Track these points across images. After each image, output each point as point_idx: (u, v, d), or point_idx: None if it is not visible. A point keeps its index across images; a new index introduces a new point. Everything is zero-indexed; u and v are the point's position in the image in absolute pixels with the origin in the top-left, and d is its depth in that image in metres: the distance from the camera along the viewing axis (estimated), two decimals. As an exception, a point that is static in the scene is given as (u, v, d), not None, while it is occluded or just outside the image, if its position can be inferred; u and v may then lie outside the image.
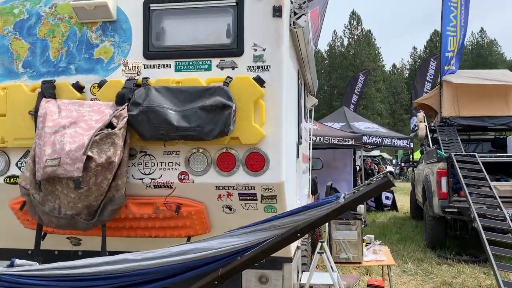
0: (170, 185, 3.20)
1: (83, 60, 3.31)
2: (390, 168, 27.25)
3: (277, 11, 3.12)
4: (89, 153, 2.77)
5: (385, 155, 33.29)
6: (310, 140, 6.60)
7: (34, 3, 3.36)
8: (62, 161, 2.78)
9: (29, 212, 3.04)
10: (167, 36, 3.26)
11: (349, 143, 13.04)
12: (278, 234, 2.52)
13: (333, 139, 12.74)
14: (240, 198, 3.24)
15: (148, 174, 3.21)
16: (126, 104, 3.02)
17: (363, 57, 49.54)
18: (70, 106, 3.04)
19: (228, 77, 3.08)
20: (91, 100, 3.22)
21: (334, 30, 56.15)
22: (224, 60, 3.17)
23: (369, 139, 14.36)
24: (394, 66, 58.08)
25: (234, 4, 3.16)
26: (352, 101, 19.37)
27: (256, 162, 3.11)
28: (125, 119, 2.93)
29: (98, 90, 3.20)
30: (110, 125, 2.90)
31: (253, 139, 3.04)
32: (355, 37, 51.88)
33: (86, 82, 3.26)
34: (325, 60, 54.75)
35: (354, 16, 51.96)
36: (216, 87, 3.01)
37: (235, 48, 3.16)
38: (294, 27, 3.41)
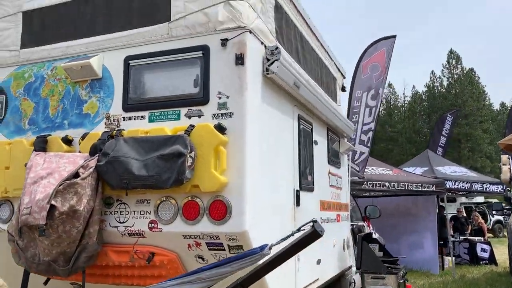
0: (141, 234, 3.25)
1: (74, 115, 3.60)
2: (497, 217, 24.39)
3: (239, 59, 3.13)
4: (53, 202, 2.95)
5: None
6: (348, 187, 6.27)
7: (40, 67, 3.78)
8: (32, 210, 2.99)
9: (14, 258, 3.28)
10: (142, 89, 3.43)
11: (429, 189, 12.15)
12: (206, 286, 2.41)
13: (410, 185, 11.96)
14: (208, 248, 3.16)
15: (123, 222, 3.30)
16: (97, 155, 3.19)
17: (466, 97, 46.39)
18: (52, 158, 3.29)
19: (190, 125, 3.12)
20: (78, 152, 3.47)
21: (432, 71, 53.38)
22: (191, 109, 3.23)
23: (454, 184, 13.18)
24: (502, 104, 53.36)
25: (201, 55, 3.25)
26: (440, 144, 18.05)
27: (219, 210, 3.04)
28: (91, 169, 3.09)
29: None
30: (77, 175, 3.08)
31: (212, 187, 2.99)
32: (455, 76, 49.00)
33: (75, 136, 3.52)
34: (424, 102, 52.27)
35: (452, 55, 49.35)
36: (176, 136, 3.06)
37: (201, 97, 3.21)
38: (267, 73, 3.38)
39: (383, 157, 46.36)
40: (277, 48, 3.39)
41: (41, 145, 3.48)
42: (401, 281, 5.28)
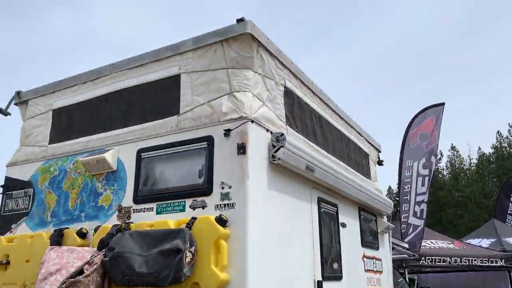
0: (148, 331, 3.12)
1: (90, 208, 3.69)
2: None
3: (241, 149, 3.11)
4: (54, 301, 2.94)
5: None
6: (389, 269, 5.82)
7: (64, 161, 3.98)
8: (36, 307, 3.00)
9: None
10: (151, 181, 3.47)
11: (498, 264, 11.07)
12: None
13: (475, 260, 10.98)
14: None
15: (129, 319, 3.21)
16: (104, 249, 3.20)
17: (539, 155, 43.35)
18: (64, 253, 3.34)
19: (193, 217, 3.07)
20: (91, 245, 3.50)
21: (498, 131, 50.75)
22: (196, 200, 3.20)
23: (527, 257, 11.92)
24: None
25: (206, 145, 3.27)
26: (509, 211, 16.61)
27: (220, 309, 2.88)
28: (96, 266, 3.08)
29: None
30: (81, 272, 3.07)
31: (212, 285, 2.86)
32: (524, 136, 46.28)
33: (90, 228, 3.58)
34: (492, 164, 49.32)
35: (518, 114, 46.97)
36: (177, 230, 3.01)
37: (205, 188, 3.19)
38: (274, 160, 3.32)
39: (452, 224, 43.39)
40: (282, 134, 3.35)
41: (57, 239, 3.56)
42: None
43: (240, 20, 3.36)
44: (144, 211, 3.41)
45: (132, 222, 3.36)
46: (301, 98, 4.11)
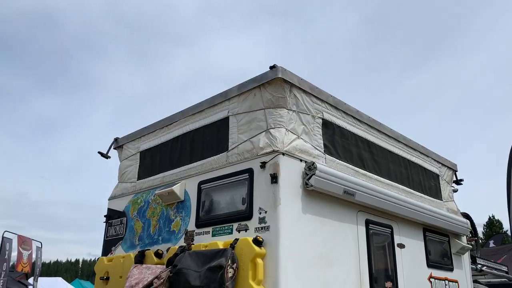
0: (205, 337, 3.70)
1: (165, 232, 4.44)
2: None
3: (273, 178, 3.59)
4: (132, 307, 3.68)
5: None
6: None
7: (147, 194, 4.83)
8: (120, 313, 3.76)
9: None
10: (208, 208, 4.10)
11: None
12: None
13: None
14: None
15: (193, 326, 3.82)
16: (170, 267, 3.88)
17: None
18: (143, 270, 4.10)
19: (235, 239, 3.60)
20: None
21: None
22: (240, 223, 3.75)
23: None
24: None
25: (247, 176, 3.82)
26: None
27: (258, 318, 3.34)
28: (163, 279, 3.77)
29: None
30: (151, 285, 3.78)
31: (249, 297, 3.34)
32: None
33: (164, 249, 4.31)
34: None
35: None
36: (223, 250, 3.57)
37: (247, 213, 3.71)
38: (307, 187, 3.74)
39: None
40: (313, 163, 3.75)
41: (139, 258, 4.36)
42: None
43: (272, 67, 3.89)
44: (203, 234, 4.04)
45: (193, 244, 4.01)
46: (342, 128, 4.45)
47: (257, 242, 3.47)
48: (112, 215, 5.21)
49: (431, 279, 5.04)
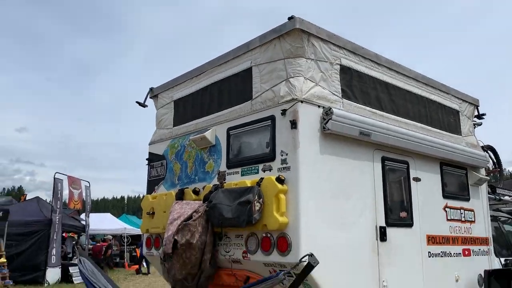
0: (239, 261, 4.32)
1: (200, 173, 4.99)
2: None
3: (293, 124, 3.99)
4: (176, 237, 4.31)
5: None
6: (487, 219, 6.06)
7: (183, 139, 5.34)
8: (166, 242, 4.41)
9: (164, 276, 4.76)
10: (237, 151, 4.57)
11: None
12: None
13: None
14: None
15: (228, 252, 4.45)
16: (206, 202, 4.45)
17: None
18: (183, 205, 4.70)
19: (261, 178, 4.08)
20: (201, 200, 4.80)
21: None
22: (265, 164, 4.21)
23: None
24: None
25: (270, 123, 4.22)
26: None
27: (283, 244, 3.89)
28: (200, 213, 4.35)
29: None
30: (191, 218, 4.38)
31: (274, 225, 3.87)
32: None
33: (201, 188, 4.88)
34: None
35: None
36: (251, 187, 4.07)
37: (271, 155, 4.16)
38: (325, 130, 4.12)
39: None
40: (330, 109, 4.10)
41: (180, 195, 4.96)
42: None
43: (290, 18, 4.15)
44: (233, 174, 4.55)
45: (225, 182, 4.54)
46: (360, 72, 4.71)
47: (280, 180, 3.94)
48: (153, 158, 5.79)
49: (446, 209, 5.44)
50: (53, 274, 19.43)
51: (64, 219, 21.17)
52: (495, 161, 7.86)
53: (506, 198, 7.27)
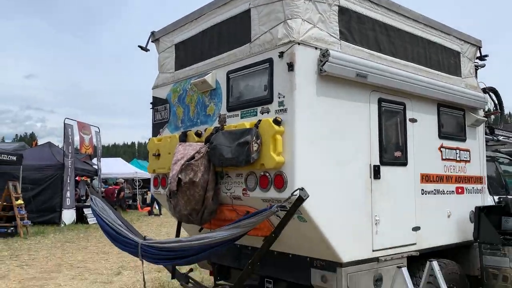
0: (239, 197, 4.59)
1: (202, 116, 5.15)
2: None
3: (290, 66, 4.08)
4: (179, 176, 4.55)
5: None
6: (482, 159, 6.24)
7: (185, 83, 5.46)
8: (171, 181, 4.67)
9: (170, 211, 5.07)
10: (236, 94, 4.70)
11: None
12: (243, 230, 3.63)
13: None
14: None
15: (229, 189, 4.70)
16: (208, 143, 4.65)
17: None
18: (186, 146, 4.91)
19: (259, 120, 4.24)
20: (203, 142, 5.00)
21: None
22: (263, 107, 4.35)
23: None
24: None
25: (268, 66, 4.31)
26: None
27: (279, 182, 4.12)
28: (202, 154, 4.57)
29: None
30: (193, 158, 4.60)
31: (271, 164, 4.07)
32: None
33: (202, 130, 5.06)
34: None
35: None
36: (249, 129, 4.24)
37: (268, 98, 4.29)
38: (321, 72, 4.22)
39: None
40: (327, 51, 4.17)
41: (183, 138, 5.16)
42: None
43: None
44: (233, 117, 4.71)
45: (225, 125, 4.71)
46: (359, 13, 4.71)
47: (277, 122, 4.10)
48: (156, 102, 5.95)
49: (442, 149, 5.60)
50: (68, 216, 20.34)
51: (76, 163, 21.81)
52: (496, 103, 7.92)
53: (502, 138, 7.39)
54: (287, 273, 4.77)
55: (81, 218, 20.81)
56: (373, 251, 4.60)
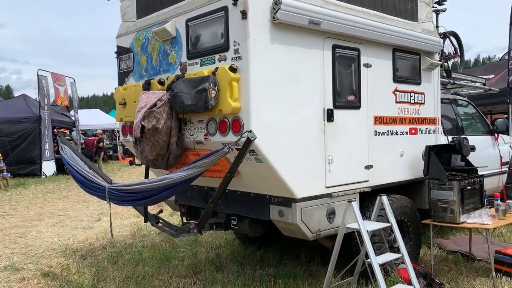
0: (202, 142, 4.86)
1: (165, 64, 5.30)
2: None
3: (243, 14, 4.22)
4: (143, 123, 4.78)
5: None
6: (437, 101, 6.58)
7: (146, 32, 5.55)
8: (135, 127, 4.90)
9: (137, 157, 5.33)
10: (195, 42, 4.85)
11: None
12: (199, 170, 3.92)
13: None
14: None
15: (192, 135, 4.96)
16: (169, 91, 4.84)
17: None
18: (149, 95, 5.09)
19: (216, 68, 4.44)
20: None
21: None
22: (220, 55, 4.53)
23: None
24: None
25: (223, 14, 4.45)
26: None
27: (236, 126, 4.38)
28: (164, 101, 4.77)
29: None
30: (155, 105, 4.80)
31: (228, 110, 4.32)
32: None
33: (165, 78, 5.22)
34: None
35: None
36: (207, 76, 4.44)
37: (225, 46, 4.46)
38: (274, 20, 4.38)
39: None
40: (279, -1, 4.31)
41: (146, 86, 5.33)
42: (470, 187, 5.64)
43: None
44: (193, 65, 4.88)
45: (186, 73, 4.89)
46: (313, -40, 4.80)
47: (232, 69, 4.30)
48: (121, 52, 6.04)
49: (396, 92, 5.90)
50: (48, 167, 20.48)
51: (53, 115, 21.69)
52: (456, 47, 8.19)
53: (457, 81, 7.72)
54: (249, 210, 5.16)
55: (62, 170, 21.03)
56: (326, 187, 4.98)
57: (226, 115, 4.47)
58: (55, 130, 24.03)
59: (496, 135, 8.18)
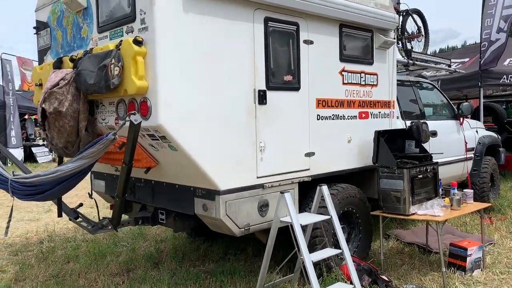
0: (113, 128, 4.28)
1: (78, 39, 4.68)
2: None
3: None
4: (43, 106, 4.18)
5: None
6: (391, 83, 6.05)
7: (60, 4, 4.91)
8: (37, 111, 4.30)
9: (49, 145, 4.73)
10: (105, 12, 4.23)
11: None
12: (89, 161, 3.35)
13: None
14: (150, 138, 4.01)
15: (104, 120, 4.38)
16: (75, 69, 4.24)
17: None
18: (58, 74, 4.47)
19: (120, 41, 3.84)
20: (80, 67, 4.57)
21: None
22: (128, 26, 3.93)
23: None
24: None
25: (129, -22, 3.84)
26: None
27: (144, 109, 3.81)
28: (67, 80, 4.17)
29: (76, 60, 4.53)
30: (57, 85, 4.20)
31: (133, 90, 3.73)
32: None
33: (76, 55, 4.62)
34: None
35: None
36: (110, 51, 3.85)
37: (131, 16, 3.86)
38: (187, -14, 3.78)
39: None
40: (191, -38, 3.71)
41: (57, 64, 4.69)
42: (422, 176, 5.18)
43: None
44: (103, 39, 4.28)
45: (92, 48, 4.28)
46: None
47: (137, 42, 3.71)
48: (39, 27, 5.39)
49: (343, 73, 5.35)
50: (16, 155, 19.67)
51: (20, 101, 20.83)
52: (420, 26, 7.65)
53: (419, 62, 7.19)
54: (175, 203, 4.62)
55: (31, 157, 20.29)
56: (257, 177, 4.45)
57: (134, 96, 3.89)
58: (26, 116, 23.18)
59: (461, 119, 7.71)
